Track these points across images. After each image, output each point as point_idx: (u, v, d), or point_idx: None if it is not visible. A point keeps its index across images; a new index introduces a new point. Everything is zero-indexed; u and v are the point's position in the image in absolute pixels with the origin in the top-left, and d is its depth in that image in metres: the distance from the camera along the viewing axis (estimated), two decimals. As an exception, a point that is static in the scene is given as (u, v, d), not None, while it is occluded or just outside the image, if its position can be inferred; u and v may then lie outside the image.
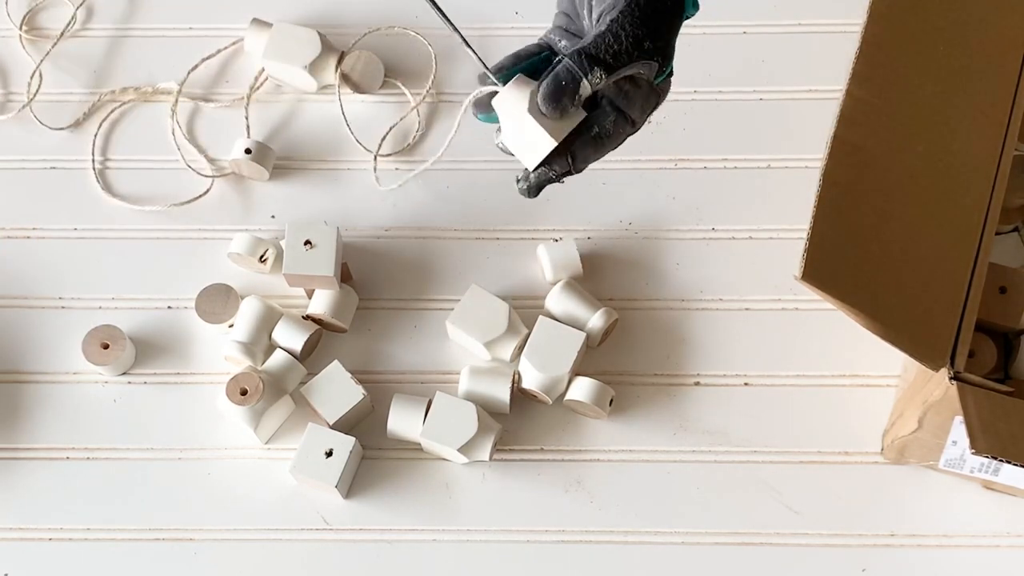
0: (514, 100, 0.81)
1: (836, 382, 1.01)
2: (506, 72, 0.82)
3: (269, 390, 0.98)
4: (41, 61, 1.13)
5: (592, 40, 0.79)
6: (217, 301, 1.03)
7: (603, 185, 1.08)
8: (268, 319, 1.01)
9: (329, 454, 0.96)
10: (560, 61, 0.80)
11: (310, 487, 0.98)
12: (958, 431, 0.89)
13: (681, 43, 1.12)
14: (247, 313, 1.01)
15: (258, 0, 1.15)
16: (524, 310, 1.03)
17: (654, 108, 0.85)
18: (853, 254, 0.85)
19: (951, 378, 0.84)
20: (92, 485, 0.99)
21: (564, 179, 0.84)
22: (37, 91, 1.12)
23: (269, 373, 1.00)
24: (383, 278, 1.05)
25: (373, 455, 0.99)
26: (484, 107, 0.84)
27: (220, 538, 0.98)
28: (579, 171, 0.83)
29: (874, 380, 1.01)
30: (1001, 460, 0.81)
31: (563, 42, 0.84)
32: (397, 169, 1.09)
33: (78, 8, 1.15)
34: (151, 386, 1.03)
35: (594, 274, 1.05)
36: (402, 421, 0.98)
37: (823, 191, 0.85)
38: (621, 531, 0.97)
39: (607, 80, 0.80)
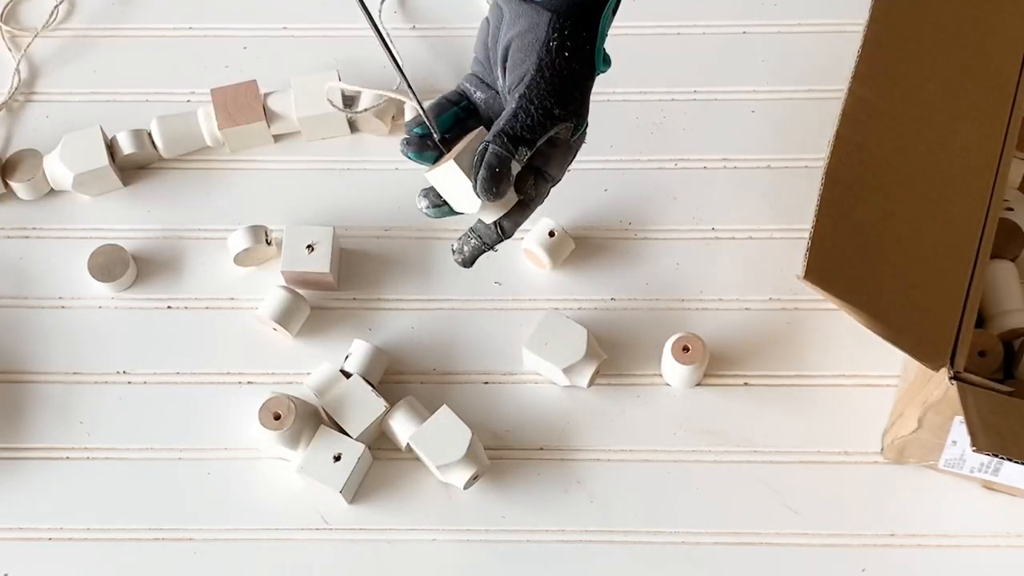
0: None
1: (836, 382, 1.01)
2: (438, 120, 0.84)
3: (302, 408, 0.97)
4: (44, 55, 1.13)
5: (507, 120, 0.81)
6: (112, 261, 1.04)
7: (603, 185, 1.08)
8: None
9: (337, 458, 0.96)
10: (486, 148, 0.81)
11: (314, 487, 0.98)
12: (958, 431, 0.90)
13: (681, 43, 1.13)
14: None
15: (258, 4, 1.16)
16: (524, 311, 1.03)
17: (572, 160, 0.87)
18: (855, 253, 0.85)
19: (951, 378, 0.84)
20: (92, 485, 0.99)
21: (497, 247, 0.86)
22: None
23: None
24: (383, 278, 1.05)
25: (373, 454, 0.99)
26: (416, 146, 0.84)
27: (220, 538, 0.98)
28: (510, 236, 0.85)
29: (874, 380, 1.01)
30: (1002, 458, 0.81)
31: (478, 93, 0.86)
32: (397, 169, 1.09)
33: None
34: (151, 386, 1.02)
35: (594, 274, 1.05)
36: (399, 426, 0.98)
37: (825, 190, 0.85)
38: (621, 531, 0.97)
39: (530, 153, 0.82)
